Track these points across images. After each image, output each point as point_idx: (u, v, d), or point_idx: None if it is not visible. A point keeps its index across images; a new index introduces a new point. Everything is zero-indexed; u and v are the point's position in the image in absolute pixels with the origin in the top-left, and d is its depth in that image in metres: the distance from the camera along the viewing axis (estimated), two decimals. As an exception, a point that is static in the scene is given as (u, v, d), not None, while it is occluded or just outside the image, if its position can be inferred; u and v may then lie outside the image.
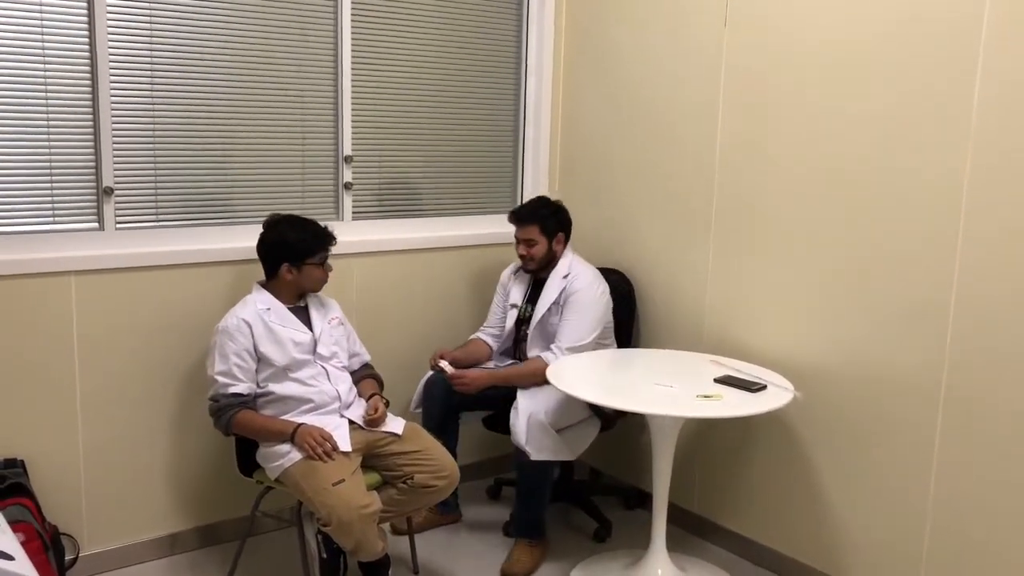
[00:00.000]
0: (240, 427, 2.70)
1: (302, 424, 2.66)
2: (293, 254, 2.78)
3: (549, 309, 3.17)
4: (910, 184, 2.59)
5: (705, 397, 2.64)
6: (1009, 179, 2.36)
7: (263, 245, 2.82)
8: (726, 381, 2.78)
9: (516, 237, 3.25)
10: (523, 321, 3.31)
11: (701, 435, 3.32)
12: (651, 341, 3.48)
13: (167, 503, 3.10)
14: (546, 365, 2.97)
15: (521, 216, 3.23)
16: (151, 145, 2.95)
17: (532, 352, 3.20)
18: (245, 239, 3.06)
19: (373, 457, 2.76)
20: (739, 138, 3.08)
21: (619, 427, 3.32)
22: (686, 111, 3.26)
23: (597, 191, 3.69)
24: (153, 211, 3.00)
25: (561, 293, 3.16)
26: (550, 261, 3.24)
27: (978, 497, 2.50)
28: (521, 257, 3.26)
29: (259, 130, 3.16)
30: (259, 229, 2.84)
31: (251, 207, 3.19)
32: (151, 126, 2.94)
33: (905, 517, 2.68)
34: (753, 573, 3.09)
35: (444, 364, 3.14)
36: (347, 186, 3.38)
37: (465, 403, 3.19)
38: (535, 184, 3.86)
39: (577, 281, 3.16)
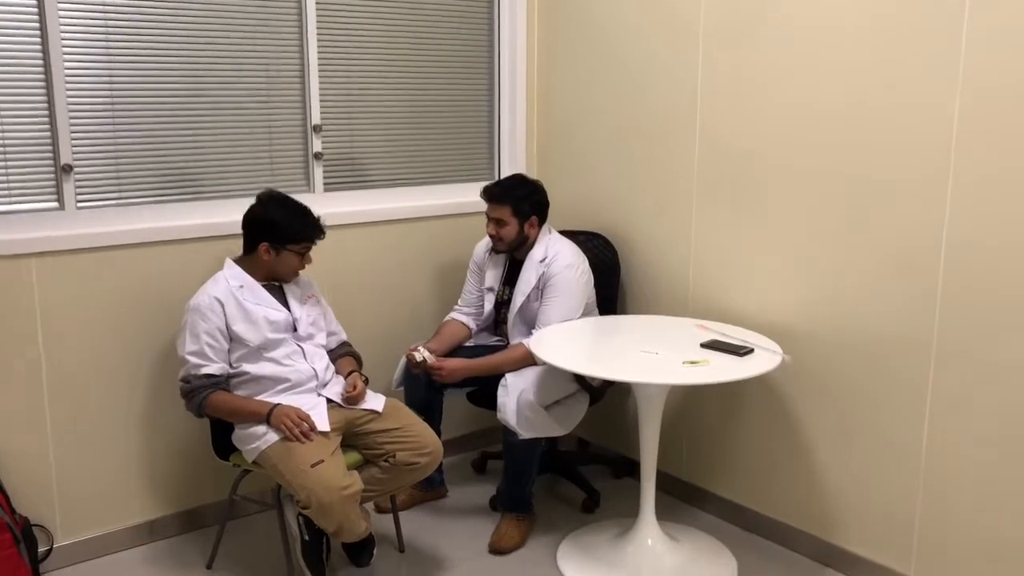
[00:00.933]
0: (213, 409, 2.62)
1: (278, 404, 2.59)
2: (276, 235, 2.68)
3: (528, 296, 3.07)
4: (893, 144, 2.52)
5: (691, 363, 2.59)
6: (997, 136, 2.29)
7: (248, 218, 2.72)
8: (713, 346, 2.73)
9: (487, 215, 3.12)
10: (502, 303, 3.22)
11: (688, 401, 3.27)
12: (636, 307, 3.42)
13: (144, 489, 3.02)
14: (529, 352, 2.88)
15: (493, 194, 3.09)
16: (111, 119, 2.83)
17: (514, 339, 3.11)
18: (213, 214, 2.96)
19: (353, 436, 2.69)
20: (720, 100, 2.99)
21: (606, 396, 3.26)
22: (664, 73, 3.17)
23: (577, 156, 3.60)
24: (115, 188, 2.88)
25: (540, 278, 3.05)
26: (522, 243, 3.12)
27: (971, 456, 2.46)
28: (490, 236, 3.13)
29: (223, 100, 3.04)
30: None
31: (218, 181, 3.07)
32: (109, 99, 2.82)
33: (897, 478, 2.64)
34: (744, 539, 3.06)
35: (424, 353, 3.00)
36: (317, 156, 3.27)
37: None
38: (512, 150, 3.76)
39: (556, 264, 3.04)
